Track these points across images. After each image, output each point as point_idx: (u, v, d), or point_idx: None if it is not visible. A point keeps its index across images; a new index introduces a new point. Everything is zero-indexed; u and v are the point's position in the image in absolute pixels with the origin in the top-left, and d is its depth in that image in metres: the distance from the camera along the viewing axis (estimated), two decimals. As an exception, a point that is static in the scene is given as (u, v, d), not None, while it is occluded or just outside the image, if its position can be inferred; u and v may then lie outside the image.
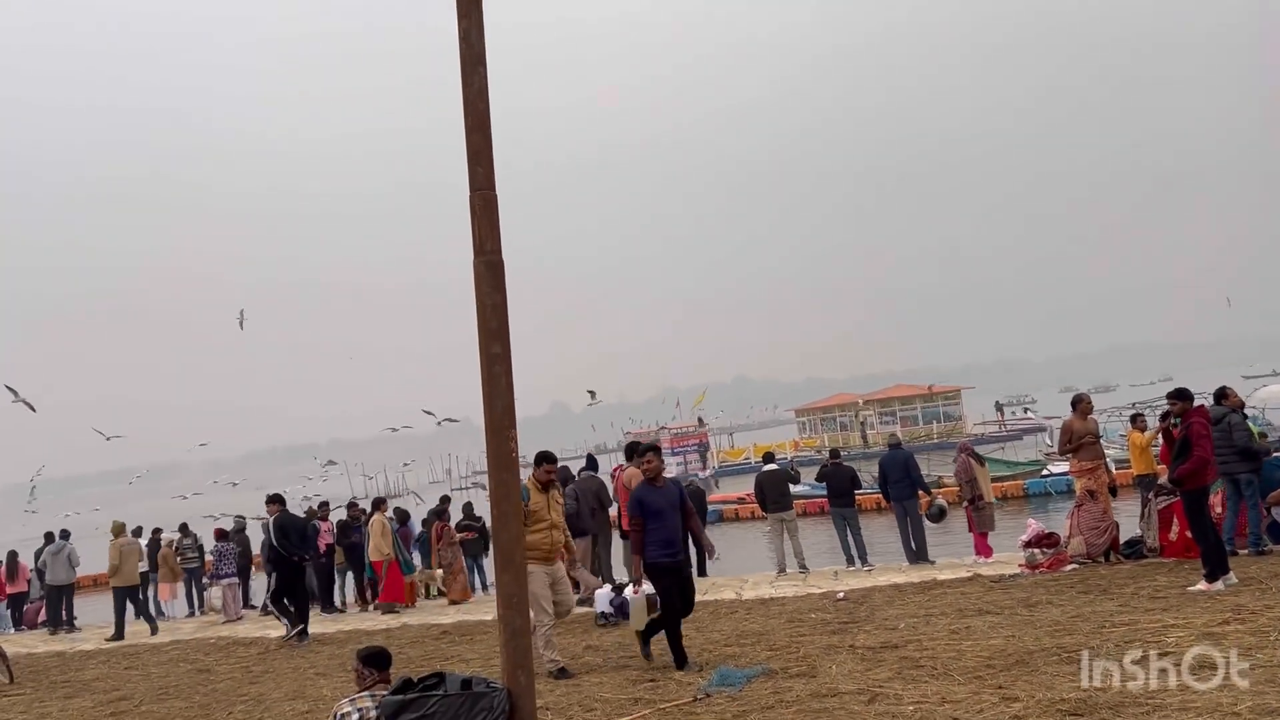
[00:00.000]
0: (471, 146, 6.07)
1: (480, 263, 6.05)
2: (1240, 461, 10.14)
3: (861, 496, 25.96)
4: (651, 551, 7.79)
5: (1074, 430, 11.66)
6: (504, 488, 5.85)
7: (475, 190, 6.08)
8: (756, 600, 11.51)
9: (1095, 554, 11.18)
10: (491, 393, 5.96)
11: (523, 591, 5.86)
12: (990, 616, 8.63)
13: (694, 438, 57.58)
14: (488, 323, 5.99)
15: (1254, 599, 7.99)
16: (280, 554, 12.83)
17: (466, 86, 6.11)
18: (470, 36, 6.12)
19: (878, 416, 59.11)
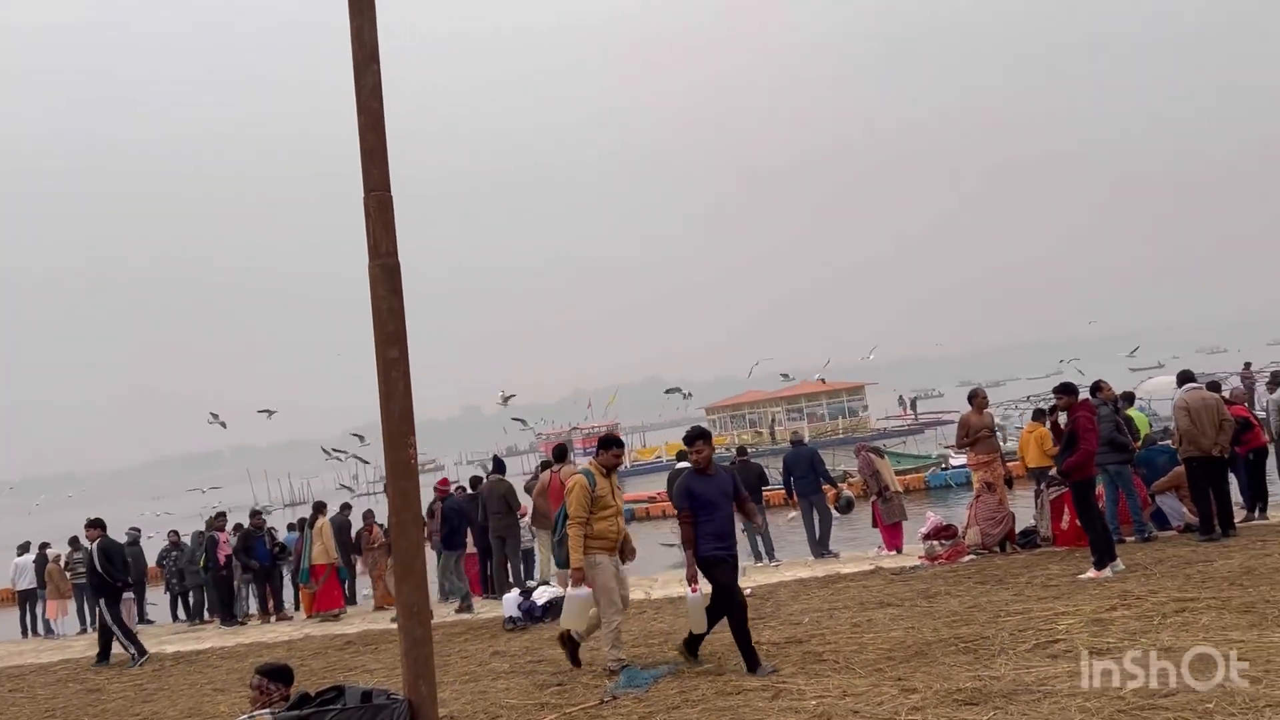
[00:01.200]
0: (365, 145, 5.95)
1: (376, 266, 5.94)
2: (1110, 452, 10.51)
3: (769, 493, 26.40)
4: (705, 545, 7.15)
5: (970, 424, 11.98)
6: (404, 496, 5.75)
7: (370, 191, 5.97)
8: (665, 599, 11.54)
9: (991, 544, 11.50)
10: (389, 398, 5.86)
11: (423, 600, 5.76)
12: (891, 609, 8.80)
13: (605, 437, 57.49)
14: (384, 326, 5.89)
15: (1139, 585, 8.30)
16: (104, 579, 12.51)
17: (359, 85, 5.99)
18: (363, 34, 6.00)
19: (785, 414, 59.89)
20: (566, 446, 13.49)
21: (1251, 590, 7.48)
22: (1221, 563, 8.80)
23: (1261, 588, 7.52)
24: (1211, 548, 9.74)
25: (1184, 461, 10.68)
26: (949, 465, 30.10)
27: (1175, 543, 10.44)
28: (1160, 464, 11.56)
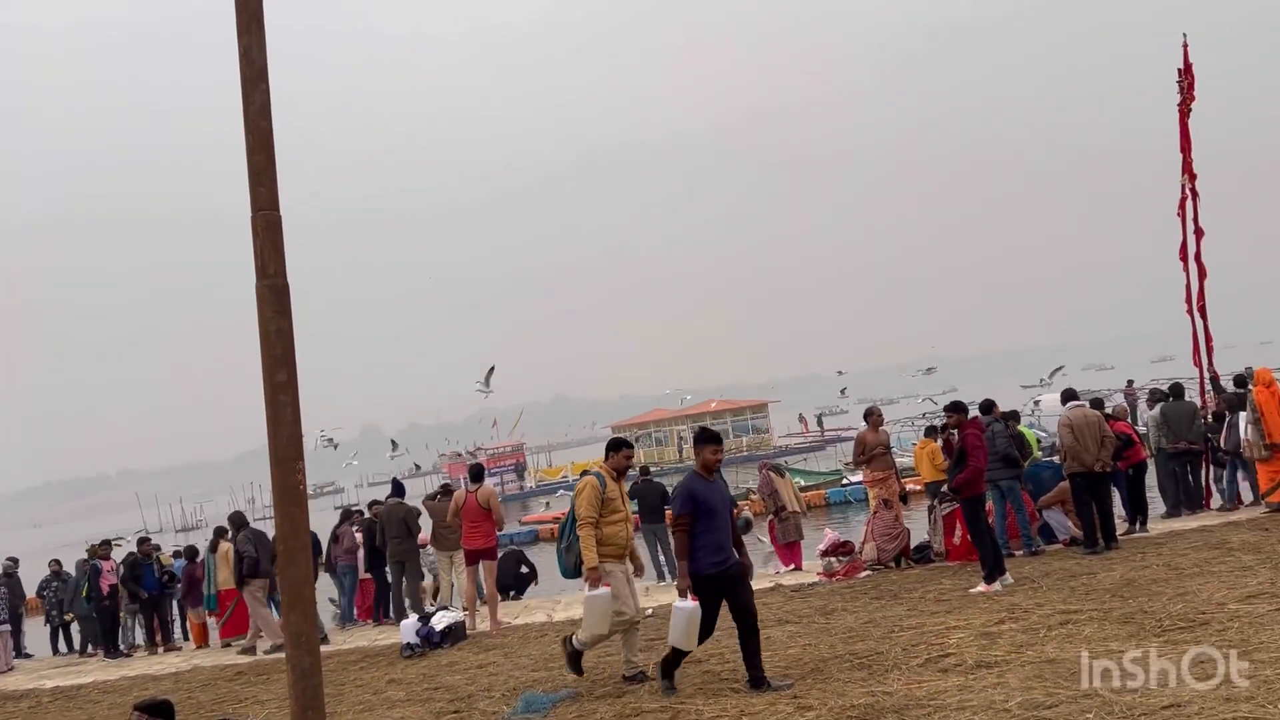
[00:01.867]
0: (254, 166, 5.81)
1: (264, 286, 5.79)
2: (1003, 468, 10.85)
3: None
4: (701, 559, 6.63)
5: (866, 442, 12.22)
6: (292, 523, 5.60)
7: (258, 211, 5.83)
8: (568, 622, 11.46)
9: (886, 559, 11.73)
10: (276, 423, 5.71)
11: (311, 630, 5.62)
12: (789, 626, 8.89)
13: (511, 457, 57.20)
14: (272, 349, 5.74)
15: (1027, 598, 8.54)
16: None
17: (247, 104, 5.85)
18: (251, 52, 5.87)
19: (691, 431, 60.32)
20: (483, 466, 13.34)
21: (1131, 601, 7.76)
22: (1104, 575, 9.11)
23: (1140, 599, 7.81)
24: (1095, 560, 10.08)
25: (1068, 477, 11.06)
26: (848, 482, 30.64)
27: (1061, 556, 10.77)
28: (1045, 479, 11.94)
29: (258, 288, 5.75)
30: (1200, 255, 14.00)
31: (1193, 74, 13.96)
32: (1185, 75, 13.88)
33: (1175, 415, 13.31)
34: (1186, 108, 14.01)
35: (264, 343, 5.73)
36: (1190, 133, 14.00)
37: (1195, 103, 14.03)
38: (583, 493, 7.28)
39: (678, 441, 59.27)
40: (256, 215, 5.83)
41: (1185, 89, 14.02)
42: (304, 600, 5.55)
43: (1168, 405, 13.58)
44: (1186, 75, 13.88)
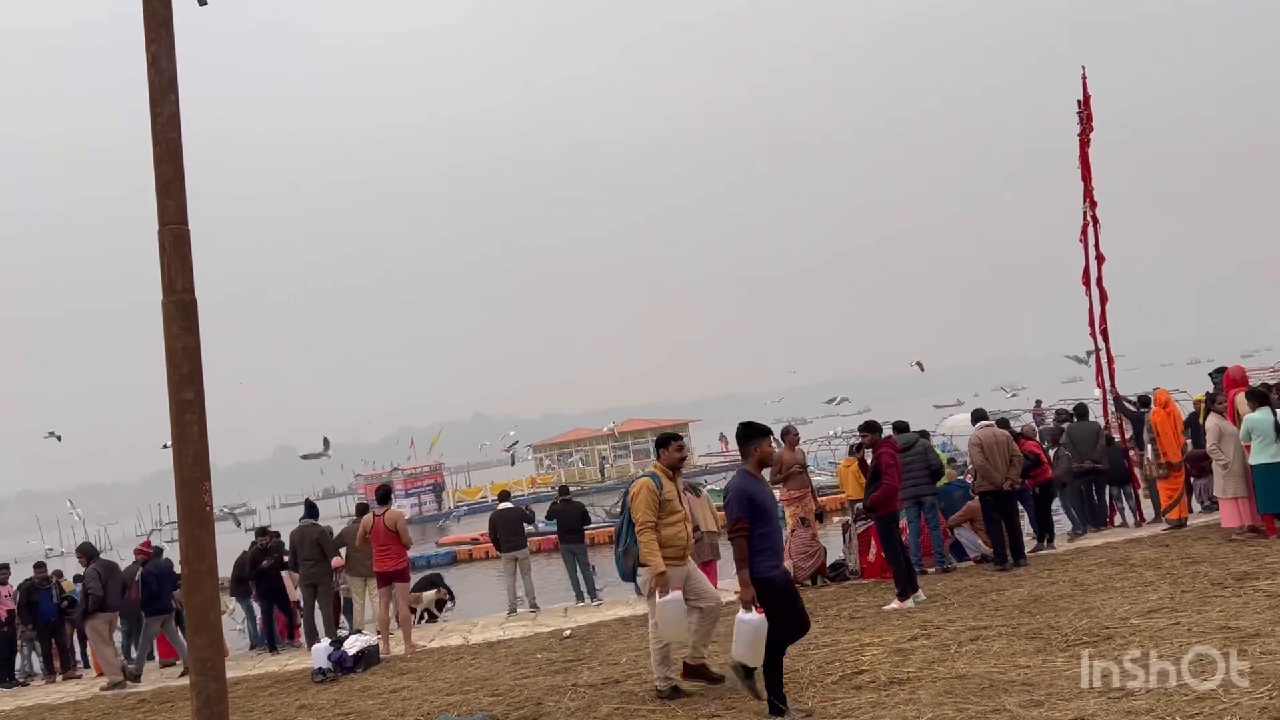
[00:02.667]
0: (161, 178, 5.69)
1: (170, 302, 5.66)
2: (928, 482, 11.08)
3: (594, 531, 26.40)
4: (762, 563, 6.13)
5: (783, 461, 12.34)
6: (198, 546, 5.47)
7: (165, 225, 5.70)
8: (484, 644, 11.34)
9: (803, 578, 11.84)
10: (182, 442, 5.57)
11: (218, 656, 5.48)
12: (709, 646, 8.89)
13: (429, 478, 56.51)
14: (178, 367, 5.61)
15: (939, 615, 8.69)
16: None
17: (155, 115, 5.72)
18: (160, 61, 5.75)
19: (612, 451, 60.26)
20: (389, 488, 13.11)
21: (1039, 617, 7.94)
22: (1013, 591, 9.32)
23: (1047, 614, 8.00)
24: (1004, 577, 10.31)
25: (978, 495, 11.31)
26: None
27: (972, 573, 11.00)
28: (956, 498, 12.21)
29: (164, 304, 5.61)
30: (1101, 280, 14.49)
31: (1090, 105, 14.47)
32: (1084, 106, 14.38)
33: (1079, 435, 13.72)
34: (1086, 137, 14.52)
35: (170, 360, 5.60)
36: (1090, 161, 14.50)
37: (1093, 132, 14.55)
38: (639, 495, 6.91)
39: (599, 461, 59.20)
40: (164, 229, 5.69)
41: (1084, 119, 14.53)
42: (209, 625, 5.41)
43: (1073, 425, 13.99)
44: (1085, 106, 14.39)
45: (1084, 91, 14.55)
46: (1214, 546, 10.20)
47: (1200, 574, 8.71)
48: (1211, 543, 10.48)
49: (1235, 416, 10.74)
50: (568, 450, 63.17)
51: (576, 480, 55.92)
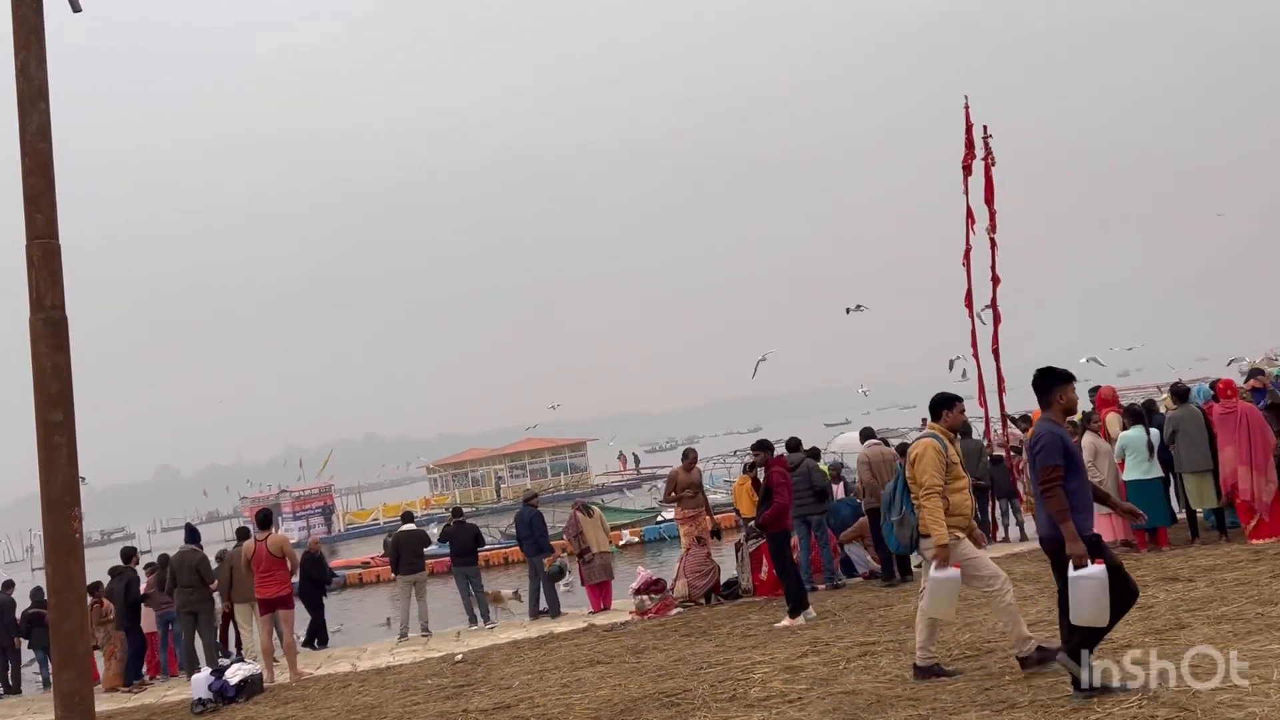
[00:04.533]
0: (29, 190, 5.45)
1: (39, 320, 5.42)
2: (815, 503, 11.25)
3: (489, 552, 26.11)
4: (1083, 519, 5.54)
5: (678, 480, 12.42)
6: (65, 575, 5.22)
7: (34, 239, 5.46)
8: (373, 670, 11.09)
9: (697, 596, 11.91)
10: (50, 465, 5.33)
11: (87, 689, 5.23)
12: (601, 666, 8.87)
13: (318, 500, 55.16)
14: (47, 387, 5.37)
15: (828, 631, 8.83)
16: None
17: (24, 125, 5.49)
18: (29, 69, 5.51)
19: (509, 471, 59.73)
20: (271, 512, 12.72)
21: (923, 631, 8.13)
22: (900, 607, 9.51)
23: (932, 628, 8.19)
24: (892, 593, 10.53)
25: (866, 512, 11.54)
26: (663, 519, 31.01)
27: (861, 589, 11.21)
28: (845, 515, 12.43)
29: (31, 321, 5.37)
30: (995, 301, 14.99)
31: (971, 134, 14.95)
32: (968, 134, 14.87)
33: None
34: (989, 162, 14.99)
35: (37, 380, 5.36)
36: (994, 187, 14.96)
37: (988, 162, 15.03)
38: (924, 457, 6.33)
39: (495, 481, 58.62)
40: (33, 244, 5.46)
41: (986, 146, 14.99)
42: (77, 657, 5.17)
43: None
44: (967, 134, 14.88)
45: (966, 121, 15.05)
46: (1089, 560, 10.59)
47: (1076, 587, 9.02)
48: (1087, 556, 10.88)
49: (1108, 435, 11.20)
50: (464, 470, 62.39)
51: (472, 501, 55.27)
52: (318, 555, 15.10)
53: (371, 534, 45.15)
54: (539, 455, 60.66)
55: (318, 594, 15.19)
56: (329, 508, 54.70)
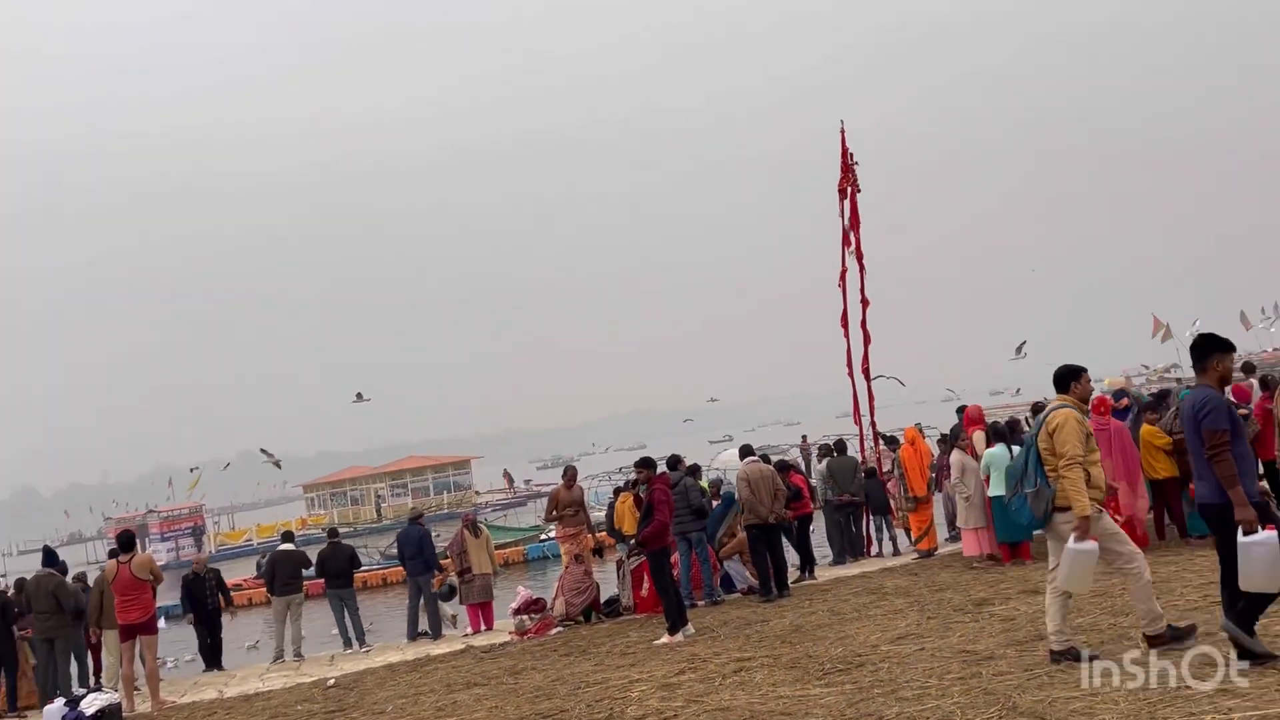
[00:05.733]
0: None
1: None
2: (694, 520, 11.34)
3: (367, 574, 25.53)
4: (1250, 484, 5.51)
5: (559, 498, 12.36)
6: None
7: None
8: (240, 697, 10.70)
9: (574, 614, 11.87)
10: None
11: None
12: (477, 689, 8.74)
13: (187, 520, 53.13)
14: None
15: (706, 647, 8.88)
16: None
17: None
18: None
19: (389, 490, 58.56)
20: (133, 533, 12.16)
21: (798, 646, 8.24)
22: (776, 622, 9.65)
23: (807, 644, 8.31)
24: (769, 608, 10.67)
25: (745, 528, 11.68)
26: (546, 537, 30.79)
27: (739, 605, 11.33)
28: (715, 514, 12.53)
29: None
30: (865, 323, 15.42)
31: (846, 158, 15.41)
32: (843, 158, 15.31)
33: (839, 469, 14.45)
34: (855, 189, 15.43)
35: None
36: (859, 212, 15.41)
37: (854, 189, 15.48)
38: (1065, 426, 6.15)
39: (375, 500, 57.41)
40: None
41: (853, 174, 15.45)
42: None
43: (832, 460, 14.73)
44: (844, 158, 15.32)
45: (842, 145, 15.48)
46: (957, 574, 10.94)
47: (944, 600, 9.29)
48: (955, 570, 11.24)
49: (975, 453, 11.59)
50: (342, 489, 60.89)
51: (351, 521, 53.98)
52: (203, 574, 14.28)
53: (245, 555, 43.64)
54: (421, 473, 59.66)
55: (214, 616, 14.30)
56: (199, 528, 52.69)
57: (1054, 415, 6.27)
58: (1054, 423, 6.22)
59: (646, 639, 9.89)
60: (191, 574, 14.36)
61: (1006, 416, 16.69)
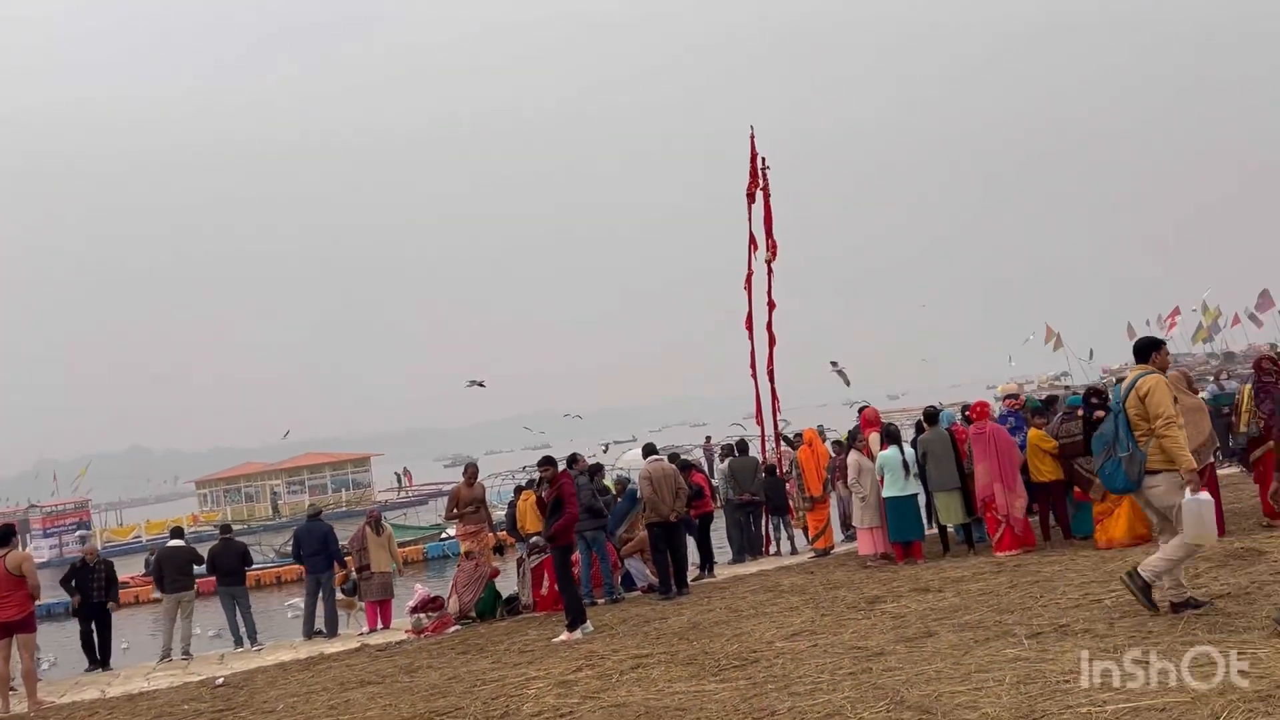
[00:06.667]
0: None
1: None
2: (589, 519, 11.36)
3: (261, 571, 24.93)
4: None
5: (460, 496, 12.26)
6: None
7: None
8: (124, 697, 10.34)
9: (467, 609, 11.81)
10: None
11: None
12: (371, 687, 8.61)
13: (72, 515, 51.16)
14: None
15: (604, 645, 8.89)
16: None
17: None
18: None
19: (286, 486, 57.21)
20: (14, 526, 11.65)
21: (695, 643, 8.30)
22: (674, 619, 9.71)
23: (703, 640, 8.38)
24: (668, 606, 10.73)
25: (646, 526, 11.74)
26: (447, 536, 30.47)
27: (639, 603, 11.38)
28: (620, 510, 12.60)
29: None
30: (771, 325, 15.62)
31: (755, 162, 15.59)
32: (752, 163, 15.49)
33: (740, 469, 14.63)
34: (767, 192, 15.61)
35: None
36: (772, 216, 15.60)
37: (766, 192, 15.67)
38: (1157, 389, 6.47)
39: (271, 496, 56.04)
40: None
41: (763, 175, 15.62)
42: None
43: (734, 460, 14.90)
44: (752, 163, 15.50)
45: (751, 149, 15.66)
46: (852, 572, 11.17)
47: (838, 598, 9.48)
48: (850, 569, 11.48)
49: (871, 454, 11.85)
50: (236, 485, 59.27)
51: (245, 518, 52.60)
52: (93, 565, 13.49)
53: (133, 552, 42.16)
54: (319, 470, 58.40)
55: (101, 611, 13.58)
56: (84, 524, 50.73)
57: (1144, 381, 6.56)
58: (1145, 387, 6.52)
59: (545, 637, 9.87)
60: (80, 561, 13.68)
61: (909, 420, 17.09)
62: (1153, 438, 6.48)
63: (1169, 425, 6.41)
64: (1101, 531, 10.03)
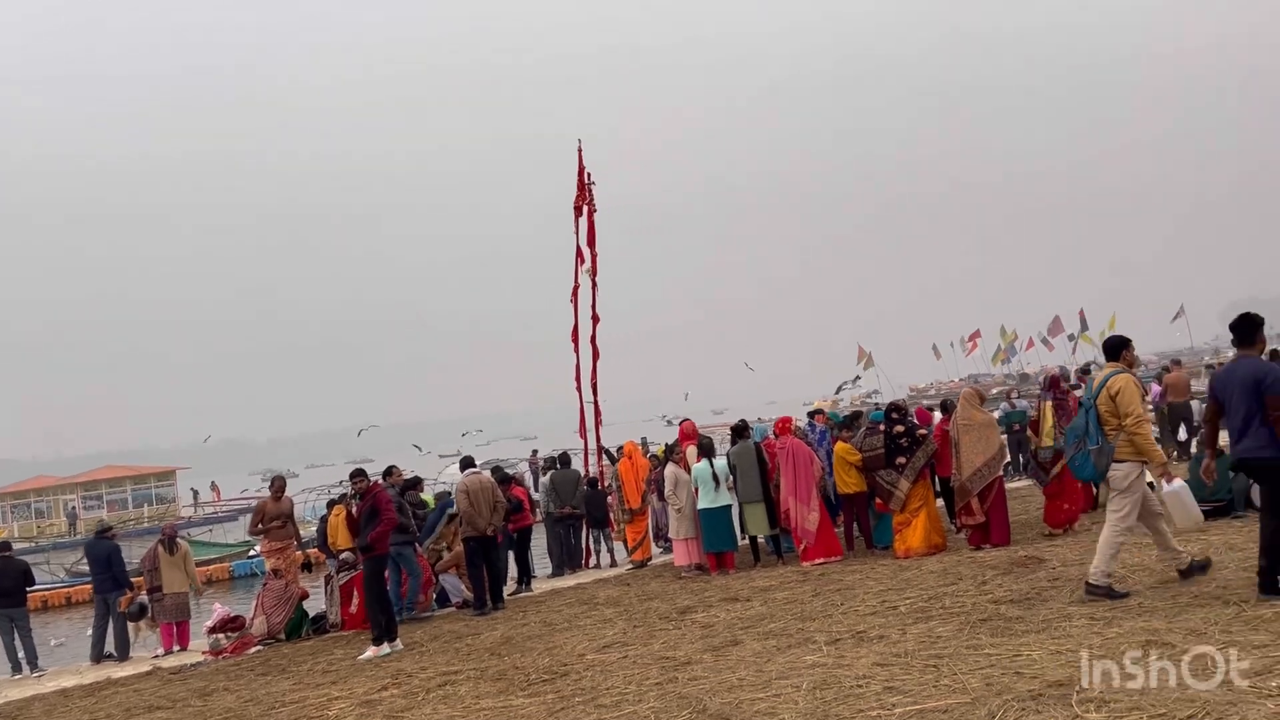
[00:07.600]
0: None
1: None
2: (396, 534, 11.07)
3: (48, 592, 23.25)
4: None
5: (266, 511, 11.75)
6: None
7: None
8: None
9: (277, 630, 11.30)
10: None
11: None
12: (161, 713, 8.14)
13: None
14: None
15: (412, 662, 8.68)
16: None
17: None
18: None
19: (82, 501, 53.60)
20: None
21: (506, 659, 8.20)
22: (487, 634, 9.57)
23: (515, 655, 8.29)
24: (481, 621, 10.57)
25: (463, 541, 11.53)
26: (255, 553, 29.20)
27: (452, 618, 11.17)
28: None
29: None
30: (595, 338, 15.66)
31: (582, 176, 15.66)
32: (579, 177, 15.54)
33: (561, 482, 14.60)
34: (593, 208, 15.65)
35: None
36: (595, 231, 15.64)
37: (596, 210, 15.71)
38: (1127, 389, 6.78)
39: (67, 512, 52.37)
40: None
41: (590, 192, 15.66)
42: None
43: (556, 473, 14.85)
44: (579, 177, 15.55)
45: (579, 164, 15.71)
46: (667, 584, 11.30)
47: (651, 609, 9.55)
48: (665, 580, 11.61)
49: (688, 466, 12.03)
50: (25, 500, 55.12)
51: (34, 534, 49.02)
52: None
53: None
54: (119, 484, 55.04)
55: None
56: None
57: (1115, 380, 6.90)
58: (1115, 386, 6.86)
59: (351, 655, 9.57)
60: None
61: None
62: (1121, 433, 6.87)
63: (1140, 424, 6.82)
64: (900, 541, 10.50)
